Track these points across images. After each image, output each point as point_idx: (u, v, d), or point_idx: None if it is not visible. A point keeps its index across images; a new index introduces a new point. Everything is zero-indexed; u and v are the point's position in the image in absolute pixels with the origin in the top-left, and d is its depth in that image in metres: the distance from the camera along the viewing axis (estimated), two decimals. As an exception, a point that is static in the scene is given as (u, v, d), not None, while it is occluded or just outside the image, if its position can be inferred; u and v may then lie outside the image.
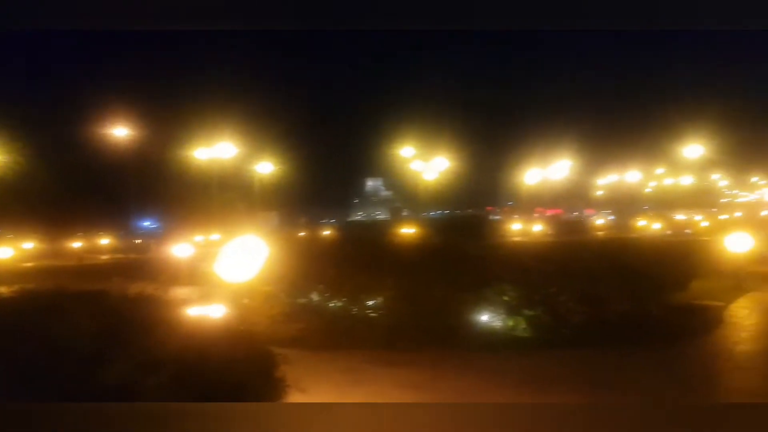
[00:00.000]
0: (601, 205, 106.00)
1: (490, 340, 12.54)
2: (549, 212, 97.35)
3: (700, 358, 11.58)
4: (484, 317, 13.07)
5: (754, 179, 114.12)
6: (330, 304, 14.39)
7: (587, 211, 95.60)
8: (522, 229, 58.02)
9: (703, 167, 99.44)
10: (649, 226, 56.35)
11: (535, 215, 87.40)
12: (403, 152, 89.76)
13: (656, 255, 16.63)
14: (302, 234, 40.23)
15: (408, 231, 54.93)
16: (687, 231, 51.49)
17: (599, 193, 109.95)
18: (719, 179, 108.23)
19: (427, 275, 13.70)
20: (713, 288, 18.97)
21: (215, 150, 57.81)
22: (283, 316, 14.94)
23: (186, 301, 8.41)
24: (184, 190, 66.91)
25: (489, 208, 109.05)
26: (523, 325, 12.85)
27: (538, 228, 57.18)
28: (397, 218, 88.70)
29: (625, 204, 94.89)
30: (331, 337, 13.12)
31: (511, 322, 13.03)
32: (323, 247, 17.66)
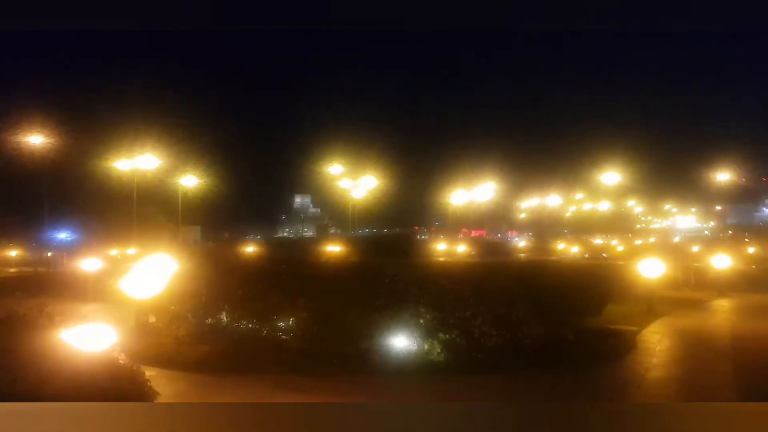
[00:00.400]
0: (523, 227, 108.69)
1: (403, 365, 12.04)
2: (474, 233, 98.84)
3: (612, 385, 11.44)
4: (399, 341, 12.57)
5: (666, 207, 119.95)
6: (239, 326, 13.57)
7: (510, 233, 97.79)
8: (446, 249, 58.29)
9: (620, 194, 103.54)
10: (568, 249, 57.82)
11: (461, 236, 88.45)
12: (331, 170, 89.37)
13: (573, 278, 16.64)
14: (222, 250, 38.86)
15: (333, 249, 54.29)
16: (604, 255, 53.06)
17: (522, 216, 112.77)
18: (635, 206, 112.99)
19: (344, 296, 13.12)
20: (627, 312, 19.21)
21: (137, 161, 55.55)
22: (189, 338, 14.02)
23: (68, 320, 7.49)
24: (102, 201, 64.13)
25: (417, 228, 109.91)
26: (438, 349, 12.41)
27: (462, 249, 57.57)
28: (323, 236, 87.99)
29: (547, 227, 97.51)
30: (239, 360, 12.31)
31: (426, 346, 12.57)
32: (237, 264, 16.77)
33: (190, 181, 63.52)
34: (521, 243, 69.57)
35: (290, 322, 13.08)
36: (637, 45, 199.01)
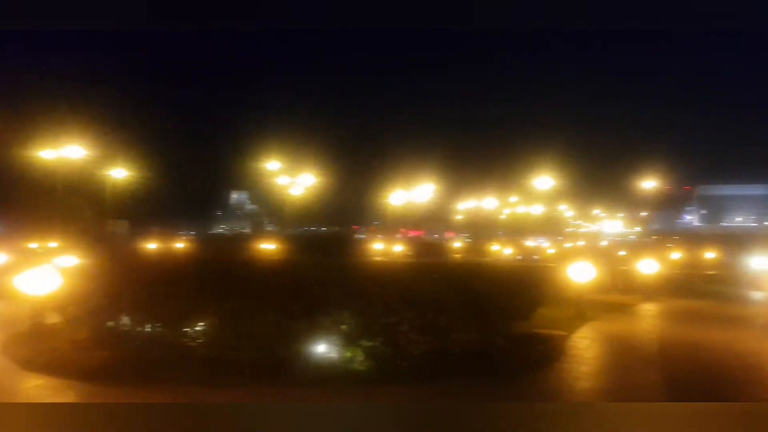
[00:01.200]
0: (460, 228, 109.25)
1: (322, 375, 11.03)
2: (411, 233, 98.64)
3: (542, 395, 10.75)
4: (320, 348, 11.56)
5: (595, 211, 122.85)
6: (142, 330, 12.25)
7: (447, 234, 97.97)
8: (383, 249, 57.57)
9: (552, 198, 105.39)
10: (501, 250, 58.05)
11: (398, 236, 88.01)
12: (269, 166, 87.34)
13: (504, 281, 15.98)
14: (146, 246, 36.91)
15: (266, 247, 52.64)
16: (535, 257, 53.46)
17: (459, 217, 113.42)
18: (566, 210, 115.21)
19: (259, 299, 12.00)
20: (556, 316, 18.75)
21: (62, 151, 52.46)
22: (88, 342, 12.62)
23: None
24: (24, 192, 60.50)
25: (355, 227, 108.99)
26: (360, 357, 11.46)
27: (398, 248, 56.92)
28: (258, 233, 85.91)
29: (482, 228, 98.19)
30: (139, 369, 11.04)
31: (348, 354, 11.60)
32: (144, 261, 15.38)
33: (120, 173, 60.62)
34: (457, 244, 69.53)
35: (199, 327, 11.86)
36: (570, 50, 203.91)
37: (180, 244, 47.68)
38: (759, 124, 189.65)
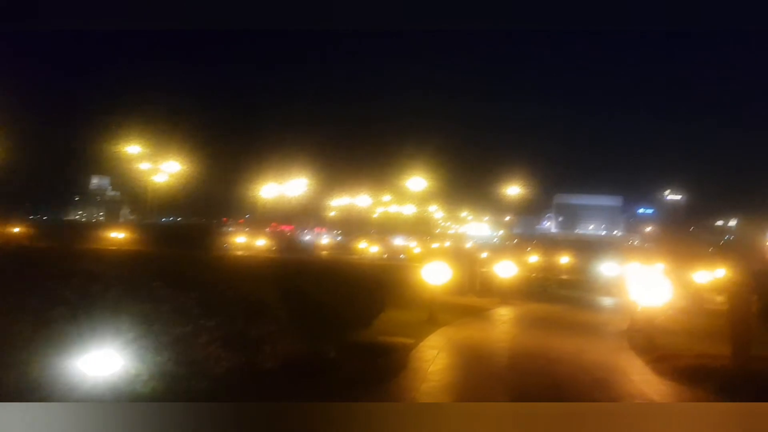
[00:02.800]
0: (334, 225, 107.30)
1: (95, 398, 8.25)
2: (282, 228, 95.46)
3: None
4: (92, 363, 8.73)
5: (463, 214, 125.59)
6: None
7: (317, 230, 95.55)
8: (245, 243, 54.17)
9: (423, 199, 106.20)
10: (368, 248, 56.57)
11: (269, 230, 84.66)
12: (129, 149, 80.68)
13: (344, 282, 13.74)
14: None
15: (116, 236, 47.61)
16: (401, 256, 52.41)
17: (332, 213, 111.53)
18: (436, 211, 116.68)
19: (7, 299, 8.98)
20: (407, 321, 16.96)
21: None
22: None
23: None
24: None
25: (225, 219, 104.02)
26: (144, 376, 8.76)
27: (261, 243, 53.74)
28: (112, 221, 79.11)
29: (355, 226, 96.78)
30: None
31: (133, 372, 8.86)
32: None
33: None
34: (324, 240, 67.42)
35: None
36: (444, 55, 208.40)
37: (17, 229, 42.26)
38: (613, 142, 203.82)
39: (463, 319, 18.70)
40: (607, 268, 33.25)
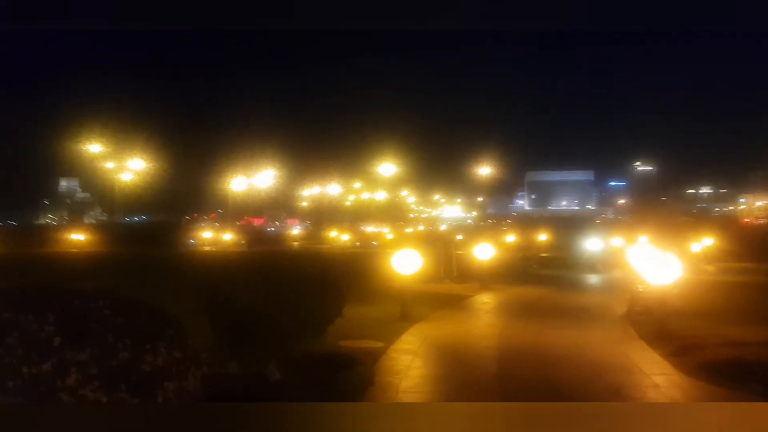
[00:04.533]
0: (305, 215, 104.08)
1: None
2: (255, 221, 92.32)
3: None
4: None
5: (436, 197, 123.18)
6: None
7: (289, 221, 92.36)
8: (212, 238, 51.05)
9: (395, 184, 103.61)
10: (339, 237, 53.78)
11: (241, 224, 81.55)
12: (92, 148, 76.74)
13: (303, 277, 10.93)
14: None
15: (77, 238, 44.31)
16: (374, 243, 49.72)
17: (304, 204, 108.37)
18: (408, 196, 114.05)
19: None
20: (376, 317, 14.26)
21: None
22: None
23: None
24: None
25: (195, 215, 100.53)
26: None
27: (228, 237, 50.63)
28: (76, 223, 75.19)
29: (326, 215, 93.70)
30: None
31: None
32: None
33: None
34: (295, 230, 64.36)
35: None
36: (412, 44, 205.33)
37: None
38: (581, 117, 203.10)
39: (441, 311, 16.00)
40: (590, 243, 30.82)
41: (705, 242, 31.28)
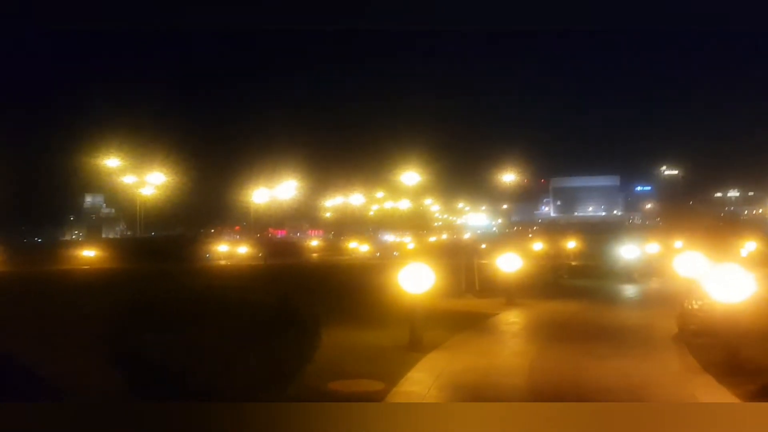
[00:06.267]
0: (329, 226, 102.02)
1: None
2: (277, 233, 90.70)
3: None
4: None
5: (460, 205, 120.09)
6: None
7: (311, 232, 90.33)
8: (228, 251, 49.09)
9: (418, 193, 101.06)
10: (358, 248, 51.39)
11: (266, 236, 79.92)
12: (110, 163, 76.00)
13: (269, 308, 8.44)
14: None
15: (87, 254, 42.64)
16: (395, 253, 47.25)
17: (327, 214, 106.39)
18: (432, 204, 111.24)
19: None
20: (377, 347, 11.84)
21: None
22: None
23: None
24: None
25: (215, 229, 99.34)
26: None
27: (243, 250, 48.60)
28: (93, 238, 74.17)
29: (349, 225, 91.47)
30: None
31: None
32: None
33: None
34: (314, 242, 62.17)
35: None
36: (433, 49, 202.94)
37: None
38: (607, 121, 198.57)
39: (459, 335, 13.44)
40: (624, 250, 27.92)
41: (750, 247, 28.19)
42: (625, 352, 11.52)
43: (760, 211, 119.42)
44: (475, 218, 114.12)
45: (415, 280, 12.30)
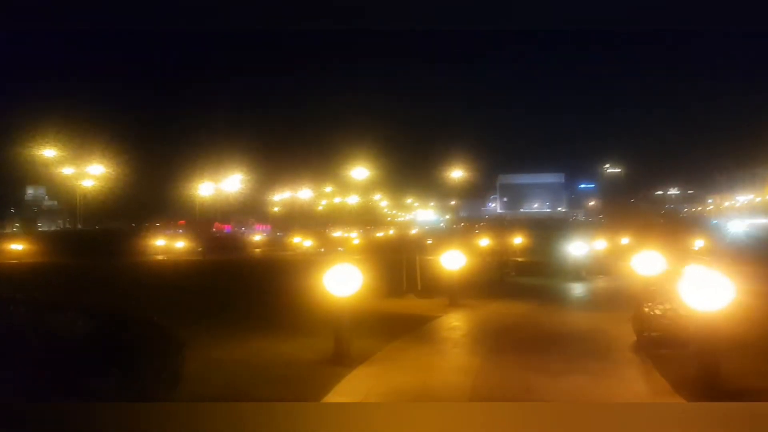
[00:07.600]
0: (277, 220, 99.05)
1: None
2: (222, 227, 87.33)
3: None
4: None
5: (409, 201, 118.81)
6: None
7: (257, 227, 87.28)
8: (165, 246, 46.04)
9: (368, 188, 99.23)
10: (302, 243, 49.11)
11: (213, 230, 76.67)
12: (47, 153, 71.57)
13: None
14: None
15: (15, 248, 39.83)
16: (340, 249, 45.23)
17: (276, 209, 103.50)
18: (381, 199, 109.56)
19: None
20: (300, 361, 9.85)
21: None
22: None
23: None
24: None
25: (157, 223, 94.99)
26: None
27: (180, 245, 45.68)
28: (28, 231, 69.64)
29: (297, 220, 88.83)
30: None
31: None
32: None
33: None
34: (257, 237, 59.49)
35: None
36: (384, 46, 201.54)
37: None
38: (552, 120, 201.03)
39: (394, 343, 11.50)
40: (572, 247, 26.64)
41: (698, 243, 27.38)
42: (580, 366, 9.80)
43: (699, 208, 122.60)
44: (423, 214, 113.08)
45: (341, 282, 10.30)
